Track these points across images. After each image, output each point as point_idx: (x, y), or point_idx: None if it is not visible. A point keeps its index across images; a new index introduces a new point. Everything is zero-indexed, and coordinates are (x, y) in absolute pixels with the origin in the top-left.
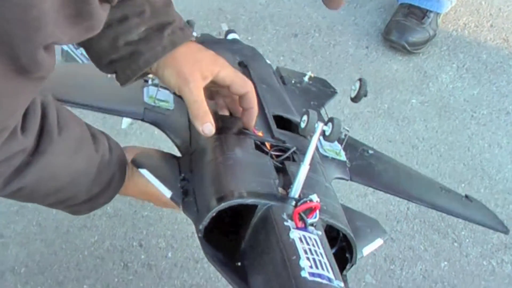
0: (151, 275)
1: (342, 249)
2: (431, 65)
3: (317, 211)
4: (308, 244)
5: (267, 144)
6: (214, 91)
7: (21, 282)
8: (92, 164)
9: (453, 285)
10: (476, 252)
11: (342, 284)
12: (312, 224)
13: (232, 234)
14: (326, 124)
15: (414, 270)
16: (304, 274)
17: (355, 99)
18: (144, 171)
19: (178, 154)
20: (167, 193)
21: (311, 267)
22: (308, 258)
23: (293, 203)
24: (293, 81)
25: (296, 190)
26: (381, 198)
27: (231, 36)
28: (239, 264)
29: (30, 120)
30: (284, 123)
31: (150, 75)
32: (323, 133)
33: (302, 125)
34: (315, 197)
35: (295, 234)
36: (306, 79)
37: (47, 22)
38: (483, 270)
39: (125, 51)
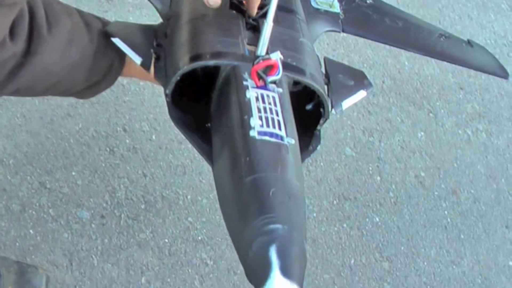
0: (137, 158)
1: (319, 104)
2: None
3: (279, 68)
4: (264, 102)
5: None
6: None
7: (10, 173)
8: (87, 55)
9: (430, 154)
10: (451, 121)
11: (293, 141)
12: (274, 82)
13: (205, 97)
14: None
15: (392, 141)
16: (253, 133)
17: None
18: (115, 40)
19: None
20: (137, 59)
21: (261, 125)
22: (260, 117)
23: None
24: None
25: (262, 48)
26: None
27: None
28: (209, 125)
29: (18, 26)
30: None
31: None
32: None
33: None
34: (276, 55)
35: (251, 93)
36: None
37: None
38: (458, 139)
39: None
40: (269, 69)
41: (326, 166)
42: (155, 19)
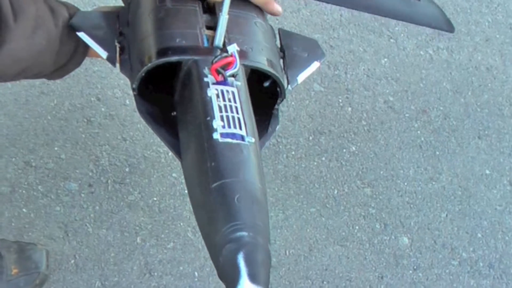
0: (114, 124)
1: (275, 82)
2: None
3: (237, 62)
4: (224, 99)
5: None
6: None
7: None
8: (53, 39)
9: (396, 78)
10: (412, 44)
11: (253, 140)
12: (232, 75)
13: (168, 85)
14: None
15: (358, 72)
16: (216, 136)
17: None
18: (81, 34)
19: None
20: (103, 54)
21: (223, 127)
22: (222, 117)
23: (217, 52)
24: None
25: (219, 39)
26: (314, 9)
27: None
28: (174, 113)
29: None
30: None
31: None
32: None
33: None
34: (233, 47)
35: (212, 91)
36: None
37: None
38: (421, 60)
39: None
40: (228, 64)
41: (297, 104)
42: None
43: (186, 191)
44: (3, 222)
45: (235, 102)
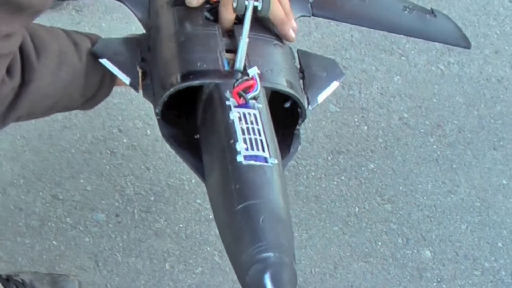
0: (137, 155)
1: (295, 102)
2: None
3: (257, 85)
4: (247, 122)
5: None
6: None
7: (23, 192)
8: (78, 73)
9: (409, 95)
10: (423, 60)
11: (276, 161)
12: (254, 97)
13: (191, 109)
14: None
15: (372, 90)
16: (240, 158)
17: None
18: (103, 61)
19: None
20: (126, 80)
21: (247, 149)
22: (245, 140)
23: (238, 76)
24: None
25: (240, 63)
26: (325, 32)
27: None
28: (197, 136)
29: (13, 62)
30: None
31: None
32: (255, 9)
33: (234, 5)
34: (254, 71)
35: (234, 114)
36: None
37: None
38: (433, 75)
39: None
40: (249, 87)
41: (314, 126)
42: (125, 21)
43: (211, 216)
44: (34, 255)
45: (257, 124)
